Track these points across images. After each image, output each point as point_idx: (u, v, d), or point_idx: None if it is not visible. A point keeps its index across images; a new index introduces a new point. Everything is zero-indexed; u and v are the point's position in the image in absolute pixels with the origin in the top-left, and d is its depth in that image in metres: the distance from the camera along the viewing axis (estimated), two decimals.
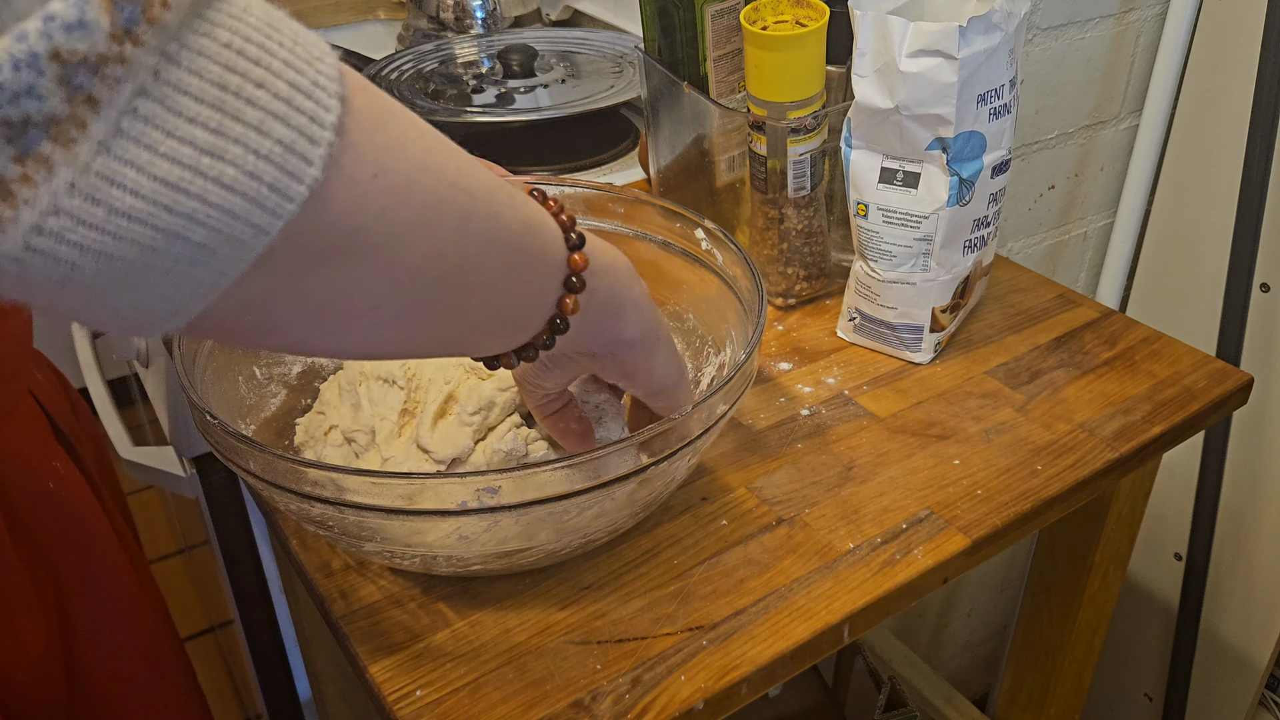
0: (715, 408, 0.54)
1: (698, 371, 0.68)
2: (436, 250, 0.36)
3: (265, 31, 0.29)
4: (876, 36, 0.67)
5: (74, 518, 0.69)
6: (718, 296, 0.66)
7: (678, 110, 0.83)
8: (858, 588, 0.58)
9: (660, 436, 0.51)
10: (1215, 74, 1.15)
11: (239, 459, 0.51)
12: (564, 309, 0.44)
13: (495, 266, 0.40)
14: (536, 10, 1.34)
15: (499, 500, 0.49)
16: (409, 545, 0.54)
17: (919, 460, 0.67)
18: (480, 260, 0.38)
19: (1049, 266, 1.30)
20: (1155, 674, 1.44)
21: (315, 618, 0.97)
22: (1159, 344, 0.78)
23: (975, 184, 0.71)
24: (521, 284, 0.42)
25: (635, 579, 0.59)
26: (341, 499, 0.49)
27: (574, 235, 0.44)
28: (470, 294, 0.39)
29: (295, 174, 0.29)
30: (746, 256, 0.63)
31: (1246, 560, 1.29)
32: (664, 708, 0.52)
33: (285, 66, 0.29)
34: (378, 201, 0.33)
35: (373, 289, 0.35)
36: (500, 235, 0.39)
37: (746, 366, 0.56)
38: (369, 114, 0.32)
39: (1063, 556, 0.85)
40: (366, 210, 0.32)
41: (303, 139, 0.29)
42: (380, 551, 0.55)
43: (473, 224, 0.37)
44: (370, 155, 0.32)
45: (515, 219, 0.41)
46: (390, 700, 0.52)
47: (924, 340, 0.76)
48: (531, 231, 0.42)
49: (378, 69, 1.12)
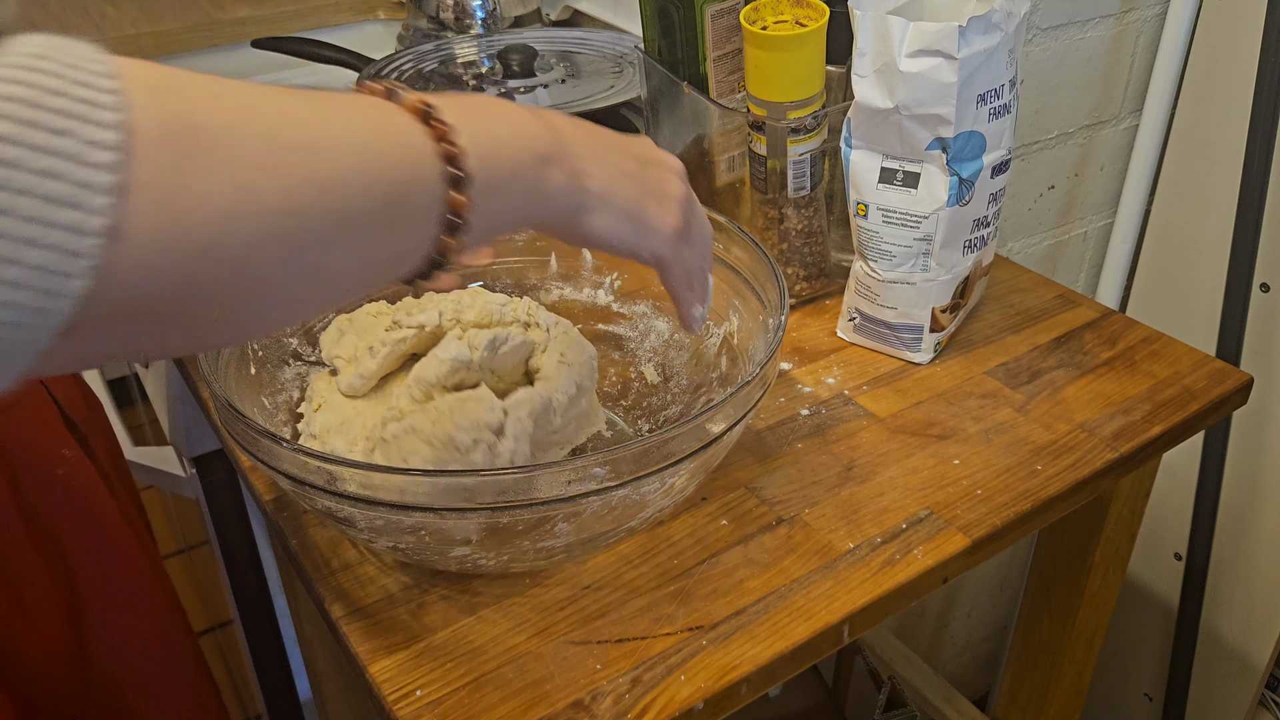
0: (768, 372, 0.56)
1: (701, 343, 0.70)
2: (271, 270, 0.34)
3: (18, 117, 0.27)
4: (876, 36, 0.67)
5: (85, 505, 0.69)
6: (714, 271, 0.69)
7: (678, 110, 0.83)
8: (858, 588, 0.58)
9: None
10: (1215, 74, 1.15)
11: (273, 460, 0.52)
12: (443, 249, 0.40)
13: (352, 248, 0.37)
14: (536, 10, 1.34)
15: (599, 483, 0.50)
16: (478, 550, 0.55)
17: (919, 460, 0.67)
18: (330, 255, 0.36)
19: (1049, 266, 1.30)
20: (1155, 674, 1.44)
21: (315, 618, 0.97)
22: (1159, 344, 0.78)
23: (975, 184, 0.71)
24: (389, 247, 0.39)
25: (635, 579, 0.59)
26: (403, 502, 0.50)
27: (455, 171, 0.39)
28: (327, 280, 0.37)
29: (56, 291, 0.28)
30: (759, 245, 0.64)
31: (1246, 560, 1.29)
32: (664, 708, 0.52)
33: (39, 178, 0.27)
34: (178, 271, 0.31)
35: (211, 314, 0.33)
36: (356, 222, 0.36)
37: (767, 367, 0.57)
38: (164, 156, 0.30)
39: (1063, 556, 0.85)
40: (169, 277, 0.31)
41: (62, 256, 0.28)
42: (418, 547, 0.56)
43: (314, 230, 0.34)
44: (162, 226, 0.30)
45: (376, 190, 0.37)
46: (390, 700, 0.52)
47: (924, 340, 0.76)
48: (396, 198, 0.38)
49: (378, 69, 1.13)
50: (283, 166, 0.33)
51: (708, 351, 0.70)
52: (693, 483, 0.58)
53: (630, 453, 0.51)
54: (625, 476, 0.51)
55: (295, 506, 0.64)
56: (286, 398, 0.65)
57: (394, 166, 0.37)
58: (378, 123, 0.38)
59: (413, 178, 0.38)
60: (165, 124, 0.30)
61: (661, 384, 0.72)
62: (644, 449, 0.51)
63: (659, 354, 0.74)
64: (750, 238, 0.66)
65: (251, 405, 0.62)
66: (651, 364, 0.73)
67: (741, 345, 0.67)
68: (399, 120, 0.39)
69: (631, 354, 0.74)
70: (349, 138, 0.36)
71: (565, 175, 0.45)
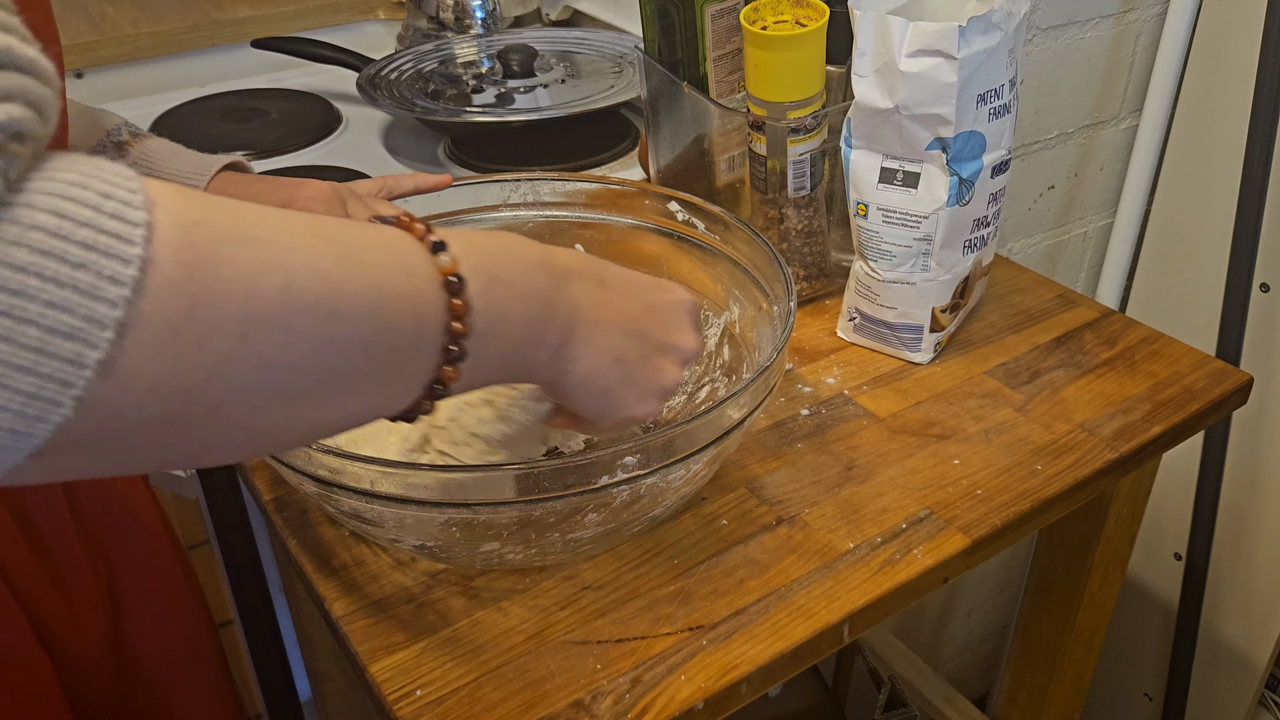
0: (777, 368, 0.57)
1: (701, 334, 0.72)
2: (251, 416, 0.33)
3: (39, 247, 0.27)
4: (876, 36, 0.67)
5: (127, 506, 0.70)
6: (708, 261, 0.70)
7: (678, 110, 0.83)
8: (858, 588, 0.58)
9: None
10: (1215, 74, 1.15)
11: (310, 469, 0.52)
12: (444, 378, 0.40)
13: (334, 403, 0.36)
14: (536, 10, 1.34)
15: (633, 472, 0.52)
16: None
17: (919, 460, 0.67)
18: (312, 407, 0.35)
19: (1049, 266, 1.30)
20: (1155, 674, 1.44)
21: (315, 618, 0.97)
22: (1159, 344, 0.78)
23: (975, 184, 0.71)
24: (371, 400, 0.38)
25: (635, 579, 0.59)
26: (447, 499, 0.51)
27: (455, 349, 0.39)
28: (302, 427, 0.36)
29: (41, 418, 0.28)
30: (759, 234, 0.65)
31: (1246, 560, 1.29)
32: (664, 707, 0.52)
33: (47, 308, 0.27)
34: (159, 408, 0.30)
35: (177, 448, 0.33)
36: (345, 379, 0.36)
37: (775, 365, 0.58)
38: (177, 299, 0.30)
39: (1063, 556, 0.85)
40: (148, 412, 0.30)
41: (56, 386, 0.28)
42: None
43: (303, 384, 0.34)
44: (157, 366, 0.30)
45: (374, 353, 0.36)
46: (390, 700, 0.52)
47: (924, 340, 0.76)
48: (392, 361, 0.37)
49: (377, 69, 1.13)
50: (292, 325, 0.33)
51: (708, 342, 0.71)
52: (711, 469, 0.59)
53: (660, 441, 0.52)
54: (655, 464, 0.53)
55: (295, 506, 0.64)
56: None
57: (398, 338, 0.37)
58: (403, 288, 0.37)
59: (414, 351, 0.38)
60: (186, 264, 0.30)
61: None
62: (671, 438, 0.52)
63: None
64: (749, 228, 0.66)
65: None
66: None
67: (744, 334, 0.67)
68: (425, 290, 0.38)
69: None
70: (367, 302, 0.35)
71: (553, 360, 0.45)
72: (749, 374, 0.64)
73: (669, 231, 0.71)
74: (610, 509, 0.54)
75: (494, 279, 0.40)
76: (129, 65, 1.22)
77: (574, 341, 0.45)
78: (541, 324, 0.43)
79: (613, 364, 0.47)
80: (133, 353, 0.29)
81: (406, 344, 0.37)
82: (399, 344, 0.37)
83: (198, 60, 1.25)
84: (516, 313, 0.42)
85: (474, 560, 0.58)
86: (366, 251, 0.36)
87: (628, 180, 0.73)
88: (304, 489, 0.55)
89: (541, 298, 0.43)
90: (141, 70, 1.23)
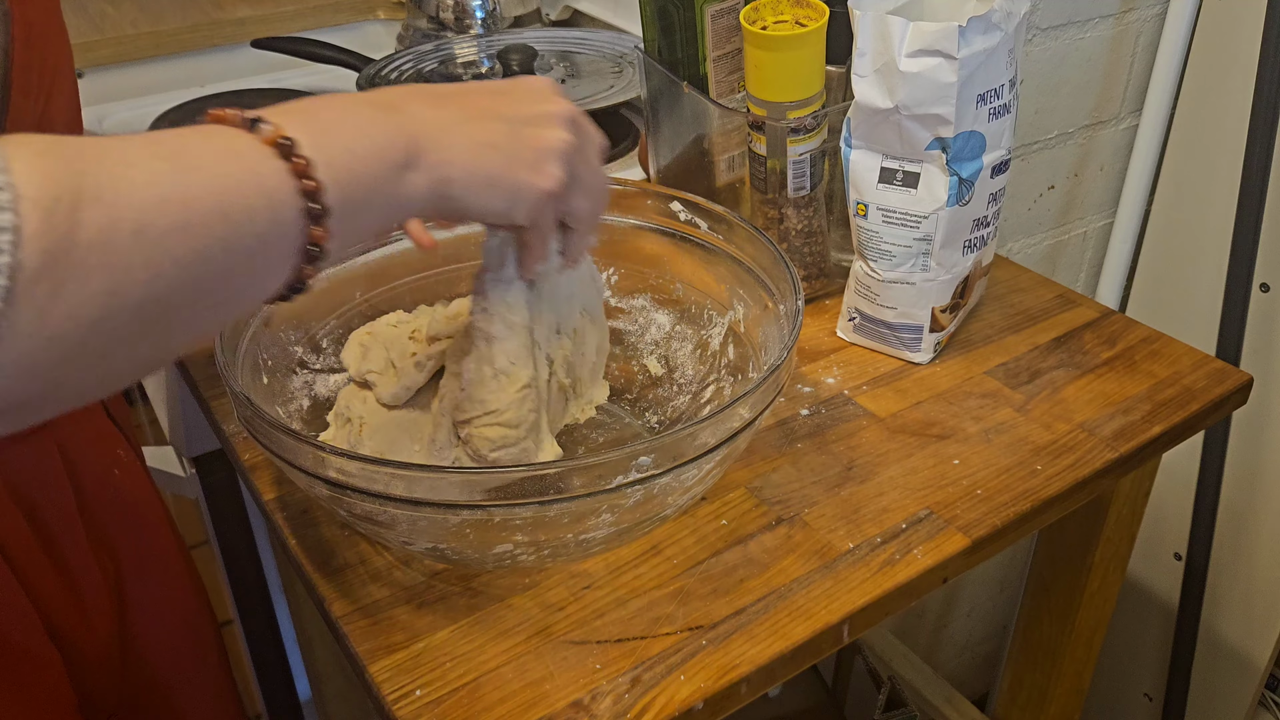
0: (787, 366, 0.57)
1: (704, 333, 0.71)
2: (132, 348, 0.35)
3: None
4: (876, 36, 0.67)
5: (133, 505, 0.71)
6: (711, 261, 0.70)
7: (678, 110, 0.83)
8: (857, 588, 0.58)
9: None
10: (1215, 74, 1.15)
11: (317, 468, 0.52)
12: (303, 276, 0.41)
13: (213, 305, 0.38)
14: (536, 10, 1.34)
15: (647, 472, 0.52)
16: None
17: (919, 460, 0.67)
18: (192, 318, 0.37)
19: (1049, 266, 1.30)
20: (1155, 674, 1.44)
21: (315, 618, 0.97)
22: (1159, 344, 0.78)
23: (975, 184, 0.71)
24: (249, 291, 0.40)
25: (635, 579, 0.59)
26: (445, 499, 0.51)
27: (314, 206, 0.39)
28: (187, 337, 0.38)
29: None
30: (763, 234, 0.66)
31: (1246, 560, 1.29)
32: (664, 707, 0.52)
33: None
34: (45, 371, 0.33)
35: (68, 395, 0.35)
36: (218, 282, 0.37)
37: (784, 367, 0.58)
38: (46, 283, 0.31)
39: (1063, 556, 0.85)
40: (35, 376, 0.33)
41: None
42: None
43: (178, 303, 0.35)
44: (36, 337, 0.32)
45: (240, 248, 0.37)
46: (390, 700, 0.52)
47: (924, 340, 0.76)
48: (259, 249, 0.38)
49: (377, 69, 1.12)
50: (152, 260, 0.34)
51: (711, 342, 0.71)
52: (722, 468, 0.59)
53: (673, 440, 0.52)
54: (668, 464, 0.53)
55: (295, 506, 0.64)
56: (297, 406, 0.66)
57: (256, 219, 0.37)
58: (239, 172, 0.37)
59: (274, 225, 0.38)
60: (49, 251, 0.31)
61: (666, 376, 0.73)
62: (681, 437, 0.53)
63: (661, 346, 0.74)
64: (753, 227, 0.67)
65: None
66: (654, 357, 0.74)
67: (749, 334, 0.67)
68: (260, 165, 0.38)
69: (633, 348, 0.75)
70: (214, 203, 0.36)
71: (426, 177, 0.44)
72: (755, 373, 0.64)
73: (671, 231, 0.71)
74: (623, 509, 0.55)
75: (324, 129, 0.40)
76: (129, 65, 1.22)
77: (432, 149, 0.44)
78: (391, 148, 0.43)
79: (484, 150, 0.46)
80: (10, 346, 0.31)
81: (266, 223, 0.38)
82: (259, 228, 0.37)
83: (198, 60, 1.25)
84: (361, 148, 0.42)
85: (485, 561, 0.58)
86: (196, 155, 0.37)
87: (629, 180, 0.73)
88: (314, 492, 0.55)
89: (378, 126, 0.43)
90: (141, 70, 1.23)
